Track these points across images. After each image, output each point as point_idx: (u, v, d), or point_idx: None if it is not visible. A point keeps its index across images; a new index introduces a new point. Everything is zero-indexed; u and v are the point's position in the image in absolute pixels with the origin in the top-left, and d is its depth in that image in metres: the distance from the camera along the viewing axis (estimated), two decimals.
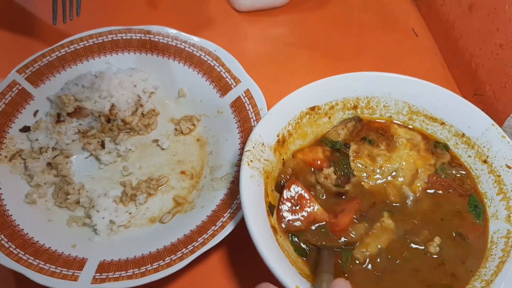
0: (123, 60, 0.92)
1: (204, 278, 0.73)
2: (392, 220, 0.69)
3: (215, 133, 0.87)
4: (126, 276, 0.67)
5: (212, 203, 0.76)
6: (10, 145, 0.82)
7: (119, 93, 0.86)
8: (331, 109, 0.79)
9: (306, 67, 1.00)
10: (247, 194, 0.65)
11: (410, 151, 0.75)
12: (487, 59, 0.89)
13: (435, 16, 1.06)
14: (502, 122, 0.84)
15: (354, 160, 0.75)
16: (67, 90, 0.87)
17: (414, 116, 0.79)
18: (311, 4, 1.12)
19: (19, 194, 0.78)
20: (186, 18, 1.08)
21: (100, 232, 0.75)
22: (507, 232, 0.67)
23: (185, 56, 0.92)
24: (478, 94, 0.93)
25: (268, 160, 0.72)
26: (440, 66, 1.02)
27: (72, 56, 0.90)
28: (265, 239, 0.61)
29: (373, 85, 0.79)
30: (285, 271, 0.59)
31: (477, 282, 0.63)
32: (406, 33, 1.08)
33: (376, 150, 0.76)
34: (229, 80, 0.88)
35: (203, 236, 0.71)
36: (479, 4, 0.90)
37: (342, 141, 0.77)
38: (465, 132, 0.76)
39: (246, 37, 1.06)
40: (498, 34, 0.85)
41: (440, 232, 0.68)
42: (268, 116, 0.74)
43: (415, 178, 0.73)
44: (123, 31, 0.93)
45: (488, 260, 0.66)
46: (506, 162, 0.71)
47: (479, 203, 0.71)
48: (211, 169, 0.83)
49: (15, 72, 0.86)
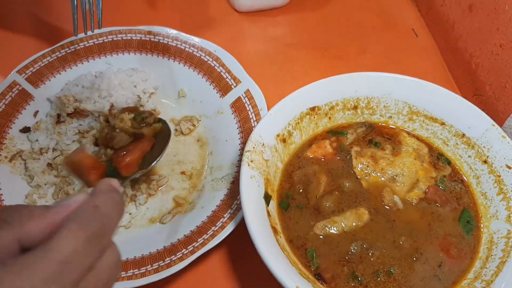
0: (123, 60, 0.92)
1: (204, 278, 0.73)
2: (368, 214, 0.69)
3: (215, 134, 0.87)
4: (126, 276, 0.67)
5: (212, 204, 0.76)
6: (10, 145, 0.82)
7: (119, 93, 0.86)
8: (331, 109, 0.79)
9: (306, 67, 1.00)
10: (247, 195, 0.65)
11: (414, 160, 0.75)
12: (487, 59, 0.89)
13: (435, 16, 1.06)
14: (502, 122, 0.84)
15: (356, 158, 0.75)
16: (67, 90, 0.87)
17: (414, 116, 0.79)
18: (311, 4, 1.12)
19: (19, 194, 0.78)
20: (186, 18, 1.08)
21: None
22: (507, 232, 0.67)
23: (185, 57, 0.92)
24: (478, 94, 0.93)
25: (268, 160, 0.72)
26: (440, 66, 1.02)
27: (72, 57, 0.91)
28: (265, 240, 0.61)
29: (373, 86, 0.79)
30: (285, 271, 0.59)
31: (477, 282, 0.63)
32: (406, 33, 1.08)
33: (380, 152, 0.76)
34: (229, 80, 0.88)
35: (203, 236, 0.71)
36: (479, 4, 0.90)
37: (349, 145, 0.78)
38: (465, 132, 0.76)
39: (246, 38, 1.06)
40: (498, 34, 0.85)
41: (419, 245, 0.68)
42: (268, 116, 0.74)
43: (414, 186, 0.73)
44: (123, 31, 0.93)
45: (488, 260, 0.66)
46: (506, 163, 0.71)
47: (473, 220, 0.71)
48: (211, 170, 0.83)
49: (15, 72, 0.86)
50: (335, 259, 0.66)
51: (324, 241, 0.67)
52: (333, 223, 0.68)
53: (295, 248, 0.67)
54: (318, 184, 0.72)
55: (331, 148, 0.77)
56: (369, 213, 0.70)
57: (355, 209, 0.70)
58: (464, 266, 0.66)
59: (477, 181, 0.74)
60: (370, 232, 0.68)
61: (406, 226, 0.69)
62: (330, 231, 0.68)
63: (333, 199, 0.71)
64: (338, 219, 0.69)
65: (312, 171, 0.74)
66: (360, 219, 0.69)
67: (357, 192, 0.72)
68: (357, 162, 0.75)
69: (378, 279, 0.64)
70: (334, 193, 0.71)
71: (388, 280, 0.64)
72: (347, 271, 0.65)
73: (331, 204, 0.70)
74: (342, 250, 0.66)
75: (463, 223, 0.70)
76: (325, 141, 0.78)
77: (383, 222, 0.69)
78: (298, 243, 0.67)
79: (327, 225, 0.68)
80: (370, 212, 0.70)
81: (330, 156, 0.76)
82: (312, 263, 0.65)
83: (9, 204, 0.75)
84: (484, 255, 0.67)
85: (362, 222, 0.69)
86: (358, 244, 0.67)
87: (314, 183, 0.73)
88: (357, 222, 0.69)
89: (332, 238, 0.67)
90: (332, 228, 0.68)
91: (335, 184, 0.73)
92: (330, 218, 0.69)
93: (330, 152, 0.77)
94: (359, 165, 0.75)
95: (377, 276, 0.64)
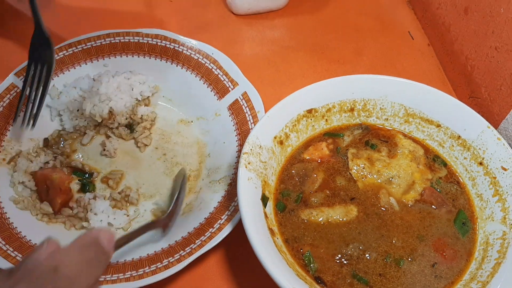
0: (121, 63, 0.93)
1: (201, 280, 0.73)
2: (357, 211, 0.71)
3: (212, 136, 0.88)
4: (124, 278, 0.67)
5: (209, 205, 0.76)
6: (8, 147, 0.82)
7: (118, 97, 0.86)
8: (328, 111, 0.80)
9: (303, 69, 1.01)
10: (244, 196, 0.65)
11: (410, 162, 0.75)
12: (482, 62, 0.90)
13: (431, 19, 1.07)
14: (497, 124, 0.85)
15: (353, 159, 0.75)
16: (66, 93, 0.87)
17: (410, 118, 0.80)
18: (308, 7, 1.13)
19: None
20: (184, 21, 1.08)
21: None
22: (502, 233, 0.68)
23: (182, 59, 0.92)
24: (474, 97, 0.93)
25: (265, 162, 0.72)
26: (436, 69, 1.03)
27: (70, 59, 0.91)
28: (262, 241, 0.62)
29: (369, 88, 0.79)
30: (283, 273, 0.59)
31: (473, 283, 0.64)
32: (402, 36, 1.09)
33: (376, 154, 0.76)
34: (226, 83, 0.89)
35: (201, 238, 0.71)
36: (475, 7, 0.91)
37: (346, 147, 0.78)
38: (461, 134, 0.76)
39: (243, 40, 1.06)
40: (494, 37, 0.86)
41: (410, 248, 0.68)
42: (265, 118, 0.74)
43: (410, 188, 0.73)
44: (121, 34, 0.93)
45: (483, 261, 0.66)
46: (502, 164, 0.71)
47: (468, 221, 0.71)
48: (208, 172, 0.83)
49: (13, 75, 0.86)
50: (333, 261, 0.66)
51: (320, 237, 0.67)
52: (320, 212, 0.70)
53: (292, 250, 0.67)
54: (314, 180, 0.73)
55: (327, 150, 0.78)
56: (358, 211, 0.71)
57: (345, 204, 0.71)
58: (460, 267, 0.67)
59: (473, 182, 0.75)
60: (366, 233, 0.69)
61: (402, 228, 0.70)
62: (314, 218, 0.69)
63: (322, 197, 0.72)
64: (326, 210, 0.70)
65: (311, 167, 0.75)
66: (348, 214, 0.70)
67: (352, 193, 0.73)
68: (353, 164, 0.75)
69: (375, 280, 0.64)
70: (325, 192, 0.72)
71: (385, 281, 0.65)
72: (345, 272, 0.65)
73: (319, 200, 0.71)
74: (339, 252, 0.67)
75: (459, 224, 0.70)
76: (322, 143, 0.78)
77: (379, 224, 0.70)
78: (294, 245, 0.68)
79: (313, 212, 0.70)
80: (366, 213, 0.71)
81: (326, 158, 0.77)
82: (310, 268, 0.65)
83: (7, 206, 0.76)
84: (480, 256, 0.67)
85: (348, 218, 0.70)
86: (355, 246, 0.67)
87: (310, 178, 0.73)
88: (343, 216, 0.70)
89: (327, 236, 0.68)
90: (317, 216, 0.69)
91: (331, 185, 0.74)
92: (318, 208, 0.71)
93: (327, 154, 0.77)
94: (355, 167, 0.75)
95: (373, 277, 0.65)
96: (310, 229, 0.69)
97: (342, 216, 0.70)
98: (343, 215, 0.70)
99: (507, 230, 0.67)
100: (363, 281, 0.64)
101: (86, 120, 0.87)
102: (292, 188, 0.73)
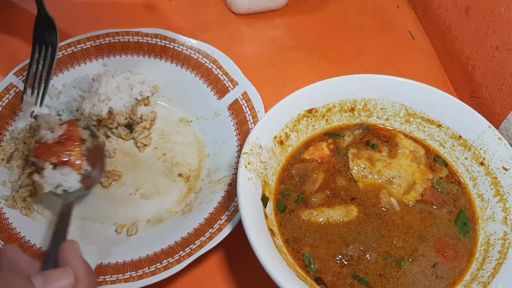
0: (120, 63, 0.92)
1: (201, 280, 0.73)
2: (357, 211, 0.70)
3: (212, 136, 0.87)
4: (123, 279, 0.67)
5: (209, 206, 0.76)
6: (7, 147, 0.81)
7: (117, 97, 0.86)
8: (328, 111, 0.79)
9: (303, 69, 1.01)
10: (244, 197, 0.65)
11: (411, 162, 0.75)
12: (483, 62, 0.90)
13: (432, 18, 1.06)
14: (498, 124, 0.85)
15: (353, 159, 0.75)
16: (65, 93, 0.87)
17: (411, 118, 0.80)
18: (308, 7, 1.12)
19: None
20: (184, 20, 1.08)
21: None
22: (504, 233, 0.67)
23: (182, 59, 0.92)
24: (475, 97, 0.93)
25: (265, 162, 0.72)
26: (437, 69, 1.03)
27: (69, 59, 0.90)
28: (262, 242, 0.61)
29: (370, 88, 0.79)
30: (283, 273, 0.59)
31: (474, 284, 0.64)
32: (403, 35, 1.08)
33: (377, 154, 0.76)
34: (226, 82, 0.88)
35: (201, 238, 0.71)
36: (476, 6, 0.90)
37: (346, 147, 0.78)
38: (462, 134, 0.76)
39: (243, 40, 1.06)
40: (494, 37, 0.85)
41: (411, 248, 0.68)
42: (265, 118, 0.74)
43: (411, 188, 0.73)
44: (121, 33, 0.93)
45: (485, 262, 0.66)
46: (503, 164, 0.71)
47: (469, 221, 0.71)
48: (208, 172, 0.83)
49: (13, 74, 0.86)
50: (333, 261, 0.66)
51: (320, 238, 0.67)
52: (320, 212, 0.70)
53: (292, 250, 0.67)
54: (314, 181, 0.73)
55: (328, 150, 0.77)
56: (358, 211, 0.70)
57: (345, 204, 0.71)
58: (460, 268, 0.66)
59: (474, 183, 0.74)
60: (366, 234, 0.68)
61: (403, 228, 0.69)
62: (314, 218, 0.69)
63: (323, 197, 0.71)
64: (326, 210, 0.70)
65: (312, 167, 0.75)
66: (348, 215, 0.70)
67: (353, 193, 0.73)
68: (354, 164, 0.75)
69: (375, 281, 0.64)
70: (326, 192, 0.72)
71: (385, 281, 0.64)
72: (346, 272, 0.65)
73: (319, 201, 0.71)
74: (339, 252, 0.66)
75: (460, 225, 0.70)
76: (322, 143, 0.78)
77: (380, 224, 0.69)
78: (295, 245, 0.67)
79: (313, 212, 0.69)
80: (366, 214, 0.70)
81: (327, 158, 0.77)
82: (310, 269, 0.65)
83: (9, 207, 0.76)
84: (481, 257, 0.67)
85: (348, 218, 0.70)
86: (356, 246, 0.67)
87: (311, 178, 0.73)
88: (343, 217, 0.70)
89: (328, 237, 0.68)
90: (317, 216, 0.69)
91: (331, 185, 0.73)
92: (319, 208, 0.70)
93: (327, 154, 0.77)
94: (356, 167, 0.75)
95: (374, 277, 0.64)
96: (311, 230, 0.69)
97: (343, 217, 0.70)
98: (344, 216, 0.70)
99: (508, 230, 0.67)
100: (364, 282, 0.64)
101: (86, 120, 0.86)
102: (292, 188, 0.73)
